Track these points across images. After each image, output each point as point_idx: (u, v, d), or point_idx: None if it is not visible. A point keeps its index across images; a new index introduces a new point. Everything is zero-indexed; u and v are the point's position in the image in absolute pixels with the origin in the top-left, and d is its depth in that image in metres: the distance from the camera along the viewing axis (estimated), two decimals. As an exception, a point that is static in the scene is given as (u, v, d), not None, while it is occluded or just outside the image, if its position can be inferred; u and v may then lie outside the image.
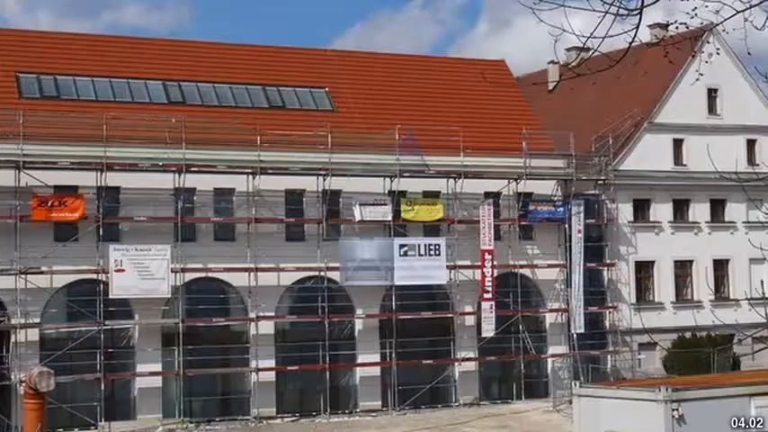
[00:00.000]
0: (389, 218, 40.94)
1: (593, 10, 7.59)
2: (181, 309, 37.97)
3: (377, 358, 41.41)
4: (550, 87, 53.23)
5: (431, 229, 42.38)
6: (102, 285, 36.88)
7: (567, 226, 44.11)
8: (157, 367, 38.04)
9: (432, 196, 42.43)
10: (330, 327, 40.35)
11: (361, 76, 46.32)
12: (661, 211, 48.04)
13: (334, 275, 40.27)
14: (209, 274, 39.10)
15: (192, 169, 38.19)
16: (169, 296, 37.69)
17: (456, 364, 42.58)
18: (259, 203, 39.57)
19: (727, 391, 21.26)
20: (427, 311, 42.06)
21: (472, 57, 60.31)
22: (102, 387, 36.89)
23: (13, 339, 36.05)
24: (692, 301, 47.43)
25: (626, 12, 7.61)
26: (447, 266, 41.53)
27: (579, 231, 43.98)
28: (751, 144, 49.37)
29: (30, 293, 36.13)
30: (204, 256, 38.65)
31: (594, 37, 7.72)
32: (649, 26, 43.96)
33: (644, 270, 47.59)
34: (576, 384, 24.52)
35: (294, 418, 39.38)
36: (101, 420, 36.51)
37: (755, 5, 7.80)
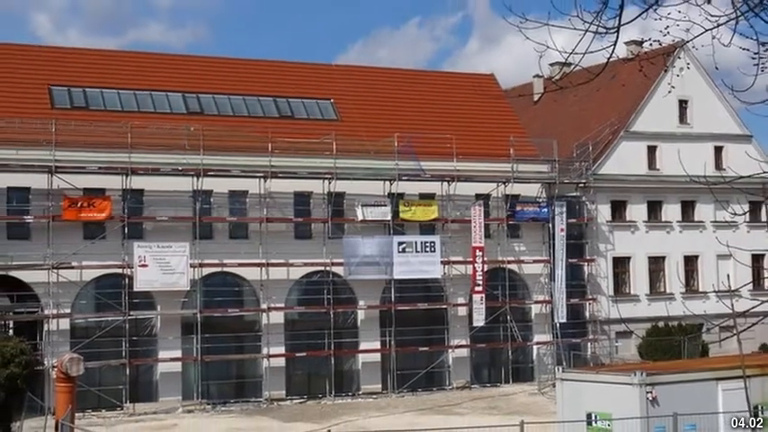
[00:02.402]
0: (389, 217, 40.97)
1: (575, 28, 7.60)
2: (199, 300, 37.99)
3: (377, 345, 41.41)
4: (535, 99, 53.22)
5: (426, 227, 42.38)
6: (127, 279, 36.92)
7: (550, 225, 44.12)
8: (177, 354, 38.04)
9: (427, 198, 42.44)
10: (335, 317, 40.39)
11: (364, 89, 46.35)
12: (636, 212, 48.04)
13: (339, 270, 40.27)
14: (225, 269, 39.12)
15: (209, 173, 38.20)
16: (188, 289, 37.70)
17: (449, 350, 42.61)
18: (270, 204, 39.58)
19: (697, 375, 21.25)
20: (423, 303, 42.09)
21: (464, 71, 60.35)
22: (127, 372, 36.92)
23: (46, 328, 36.12)
24: (664, 294, 47.42)
25: (604, 30, 7.62)
26: (441, 262, 41.55)
27: (562, 230, 44.00)
28: (718, 150, 49.34)
29: (61, 287, 36.17)
30: (220, 253, 38.67)
31: (576, 53, 7.73)
32: (626, 43, 43.83)
33: (620, 265, 47.59)
34: (559, 369, 24.52)
35: (302, 400, 39.38)
36: (126, 402, 36.55)
37: (722, 24, 7.82)
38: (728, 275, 41.02)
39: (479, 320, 41.93)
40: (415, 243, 41.14)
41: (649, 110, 48.45)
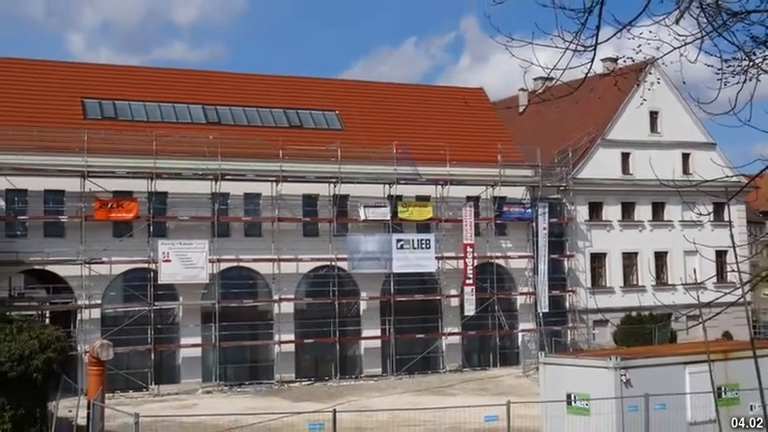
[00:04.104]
0: (388, 217, 40.97)
1: (556, 47, 7.61)
2: (217, 292, 37.98)
3: (378, 333, 41.40)
4: (521, 110, 53.23)
5: (422, 226, 42.36)
6: (152, 273, 36.90)
7: (534, 224, 44.10)
8: (198, 340, 38.04)
9: (423, 200, 42.42)
10: (339, 307, 40.37)
11: (366, 101, 46.33)
12: (611, 212, 48.03)
13: (343, 265, 40.26)
14: (240, 264, 39.09)
15: (226, 177, 38.19)
16: (207, 282, 37.70)
17: (443, 337, 42.58)
18: (281, 206, 39.57)
19: (666, 359, 21.22)
20: (419, 294, 42.09)
21: (456, 85, 60.34)
22: (152, 356, 36.93)
23: (78, 317, 36.13)
24: (636, 286, 47.44)
25: (583, 48, 7.62)
26: (436, 257, 41.52)
27: (544, 229, 43.99)
28: (685, 157, 49.35)
29: (93, 280, 36.17)
30: (236, 249, 38.65)
31: (557, 69, 7.73)
32: (602, 60, 43.75)
33: (597, 260, 47.59)
34: (542, 354, 24.47)
35: (310, 382, 39.37)
36: (151, 384, 36.57)
37: (689, 43, 7.83)
38: (695, 270, 41.02)
39: (470, 310, 41.93)
40: (412, 240, 41.13)
41: (623, 120, 48.45)
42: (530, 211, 44.17)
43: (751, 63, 8.04)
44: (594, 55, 7.64)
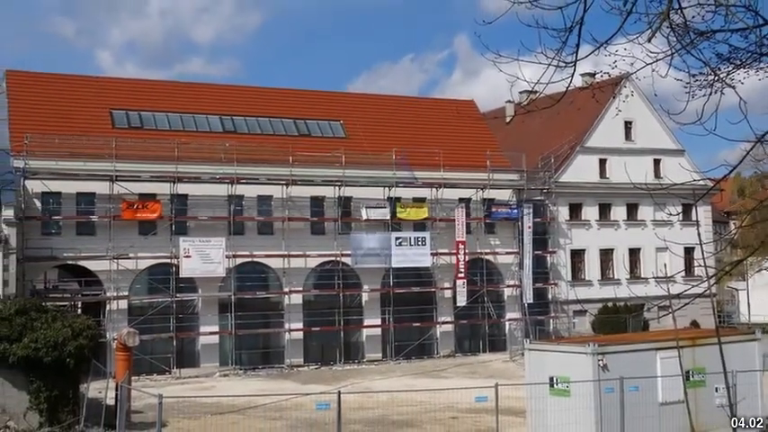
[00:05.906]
0: (388, 217, 40.95)
1: (540, 63, 7.62)
2: (233, 285, 37.97)
3: (378, 321, 41.38)
4: (507, 120, 53.17)
5: (419, 225, 42.34)
6: (174, 267, 36.91)
7: (520, 223, 44.10)
8: (215, 328, 38.03)
9: (419, 201, 42.42)
10: (343, 298, 40.37)
11: (367, 112, 46.31)
12: (590, 213, 48.02)
13: (347, 260, 40.25)
14: (254, 259, 39.08)
15: (241, 181, 38.18)
16: (224, 275, 37.70)
17: (437, 326, 42.58)
18: (291, 206, 39.56)
19: (639, 346, 21.18)
20: (416, 287, 42.07)
21: (450, 97, 60.39)
22: (174, 343, 36.93)
23: (108, 308, 36.13)
24: (612, 279, 47.41)
25: (564, 64, 7.64)
26: (431, 253, 41.52)
27: (529, 227, 43.97)
28: (657, 162, 49.33)
29: (120, 274, 36.18)
30: (250, 246, 38.65)
31: (540, 83, 7.74)
32: (581, 74, 43.78)
33: (577, 256, 47.58)
34: (527, 341, 24.43)
35: (317, 366, 39.36)
36: (173, 368, 36.56)
37: (660, 60, 7.85)
38: (665, 265, 40.96)
39: (462, 301, 41.92)
40: (410, 238, 41.13)
41: (600, 129, 48.43)
42: (516, 211, 44.16)
43: (716, 78, 8.07)
44: (574, 70, 7.65)
